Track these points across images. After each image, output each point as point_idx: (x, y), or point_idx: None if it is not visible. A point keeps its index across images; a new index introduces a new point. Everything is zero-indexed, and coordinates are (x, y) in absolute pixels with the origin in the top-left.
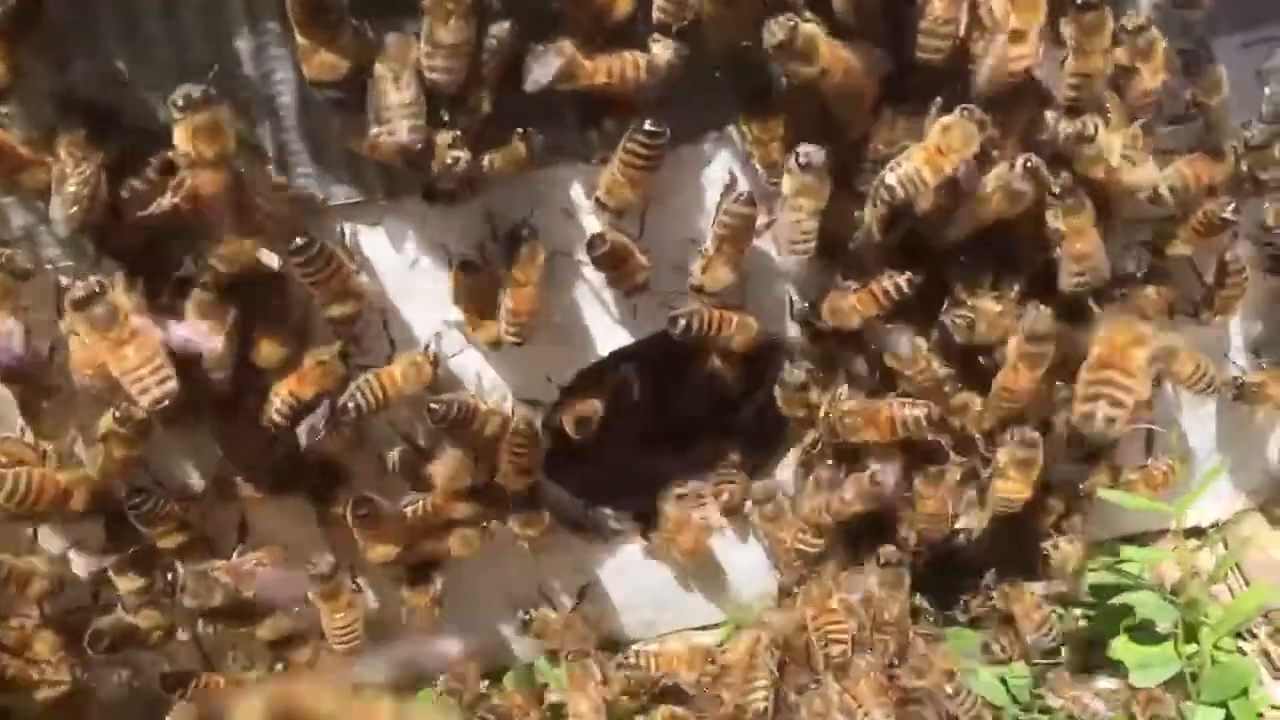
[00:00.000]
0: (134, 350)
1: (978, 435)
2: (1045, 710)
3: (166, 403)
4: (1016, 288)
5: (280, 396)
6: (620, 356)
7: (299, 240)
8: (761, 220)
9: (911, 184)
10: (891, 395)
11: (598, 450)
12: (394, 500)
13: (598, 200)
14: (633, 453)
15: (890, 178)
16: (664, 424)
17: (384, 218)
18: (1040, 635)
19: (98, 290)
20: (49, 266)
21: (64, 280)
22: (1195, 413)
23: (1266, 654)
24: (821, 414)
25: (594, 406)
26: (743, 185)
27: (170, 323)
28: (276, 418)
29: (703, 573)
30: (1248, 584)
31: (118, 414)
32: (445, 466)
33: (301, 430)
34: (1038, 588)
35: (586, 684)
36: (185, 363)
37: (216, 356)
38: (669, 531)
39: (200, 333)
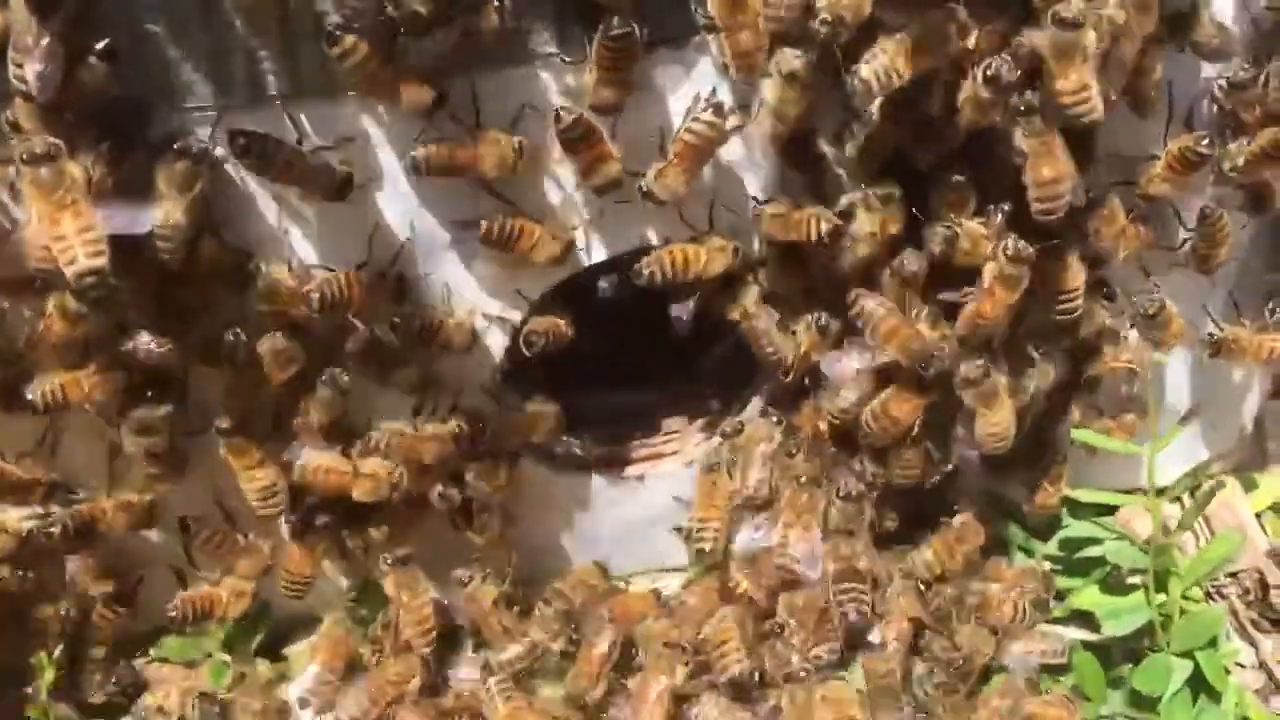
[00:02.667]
0: (70, 218)
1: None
2: None
3: (93, 279)
4: (1000, 217)
5: None
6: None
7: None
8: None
9: (886, 76)
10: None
11: (571, 379)
12: None
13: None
14: (605, 386)
15: (864, 70)
16: (638, 356)
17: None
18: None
19: (51, 152)
20: None
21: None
22: (1169, 373)
23: (1235, 614)
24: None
25: (550, 324)
26: (721, 94)
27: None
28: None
29: (671, 513)
30: None
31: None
32: None
33: None
34: (994, 588)
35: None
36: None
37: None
38: None
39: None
